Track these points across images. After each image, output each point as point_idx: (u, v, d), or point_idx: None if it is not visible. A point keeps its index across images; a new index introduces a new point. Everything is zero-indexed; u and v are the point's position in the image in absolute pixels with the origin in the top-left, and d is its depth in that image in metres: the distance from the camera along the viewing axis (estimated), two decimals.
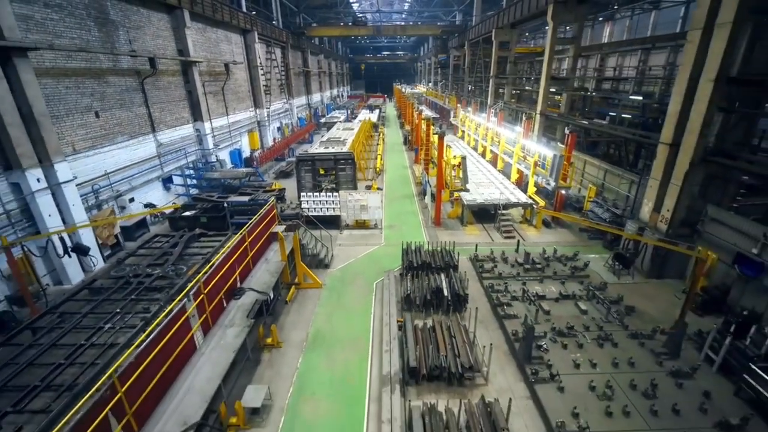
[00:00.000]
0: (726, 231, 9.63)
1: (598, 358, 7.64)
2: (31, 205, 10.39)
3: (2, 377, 6.40)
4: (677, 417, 6.40)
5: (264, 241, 11.27)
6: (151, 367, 5.93)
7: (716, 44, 9.02)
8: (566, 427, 6.15)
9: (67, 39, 11.88)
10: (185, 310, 6.96)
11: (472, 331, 8.15)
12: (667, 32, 27.45)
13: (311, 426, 6.70)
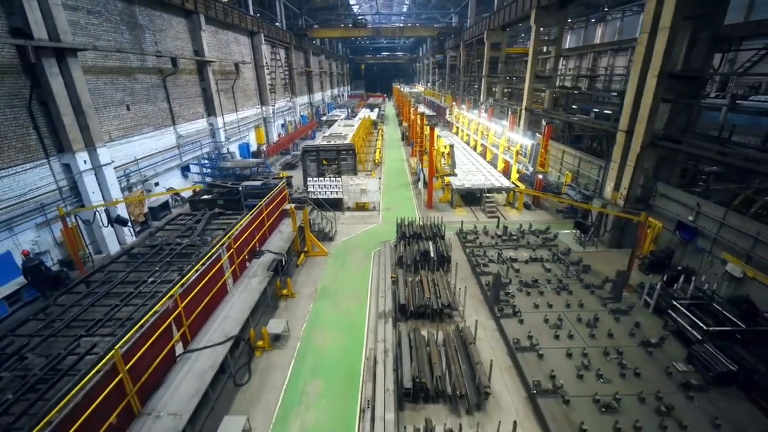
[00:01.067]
0: (671, 204, 11.37)
1: (554, 302, 9.39)
2: (78, 183, 12.13)
3: (71, 315, 8.06)
4: (611, 339, 8.14)
5: (277, 217, 13.01)
6: (200, 294, 7.66)
7: (658, 46, 10.75)
8: (520, 344, 7.89)
9: (104, 41, 13.64)
10: (221, 258, 8.70)
11: (453, 284, 9.89)
12: None
13: (321, 349, 8.44)
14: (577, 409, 6.47)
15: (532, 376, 7.05)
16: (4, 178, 10.13)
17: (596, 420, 6.26)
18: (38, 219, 11.07)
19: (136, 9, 15.41)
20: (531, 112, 20.98)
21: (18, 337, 7.67)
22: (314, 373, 7.69)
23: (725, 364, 7.00)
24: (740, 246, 9.13)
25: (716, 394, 6.80)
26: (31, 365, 6.78)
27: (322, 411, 6.85)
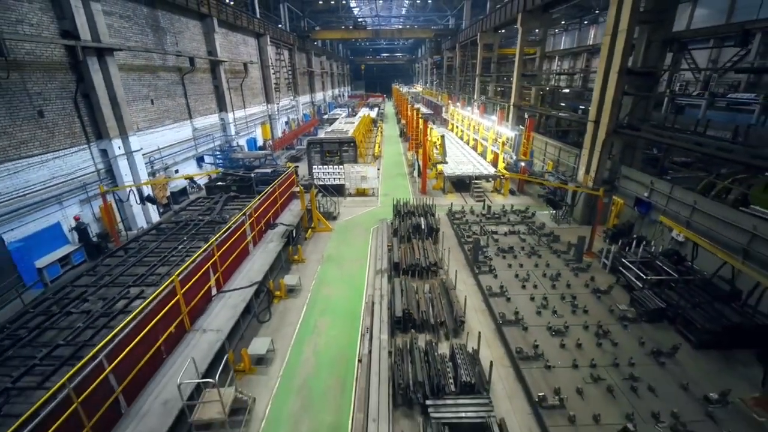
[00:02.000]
0: (632, 183, 13.07)
1: (525, 263, 11.07)
2: (113, 166, 13.84)
3: (117, 271, 9.69)
4: (568, 288, 9.81)
5: (287, 197, 14.72)
6: (229, 249, 9.34)
7: (618, 46, 12.44)
8: (491, 290, 9.58)
9: (133, 42, 15.36)
10: (243, 223, 10.39)
11: (440, 249, 11.56)
12: None
13: (328, 297, 10.12)
14: (532, 333, 8.14)
15: (501, 315, 8.73)
16: (55, 160, 11.82)
17: (547, 340, 7.93)
18: (81, 196, 12.76)
19: (159, 13, 17.13)
20: (519, 108, 22.68)
21: (77, 287, 9.38)
22: (323, 314, 9.38)
23: (657, 303, 8.67)
24: (682, 215, 10.83)
25: (648, 326, 8.46)
26: (92, 306, 8.45)
27: (330, 338, 8.53)
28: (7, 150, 10.36)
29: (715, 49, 26.92)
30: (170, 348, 6.95)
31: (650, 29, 12.56)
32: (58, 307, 8.45)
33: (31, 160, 11.04)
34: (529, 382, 6.92)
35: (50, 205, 11.59)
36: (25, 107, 10.87)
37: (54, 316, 8.21)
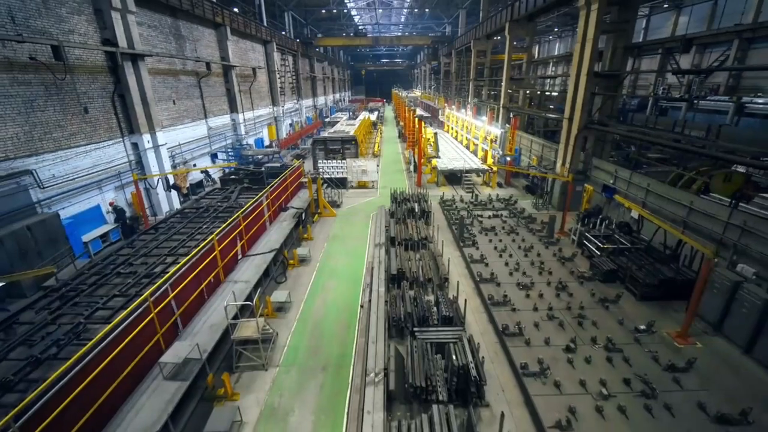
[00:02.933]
0: (600, 173, 14.84)
1: (504, 239, 12.80)
2: (142, 158, 15.62)
3: (153, 245, 11.36)
4: (538, 257, 11.52)
5: (295, 187, 16.47)
6: (253, 221, 11.08)
7: (586, 52, 14.27)
8: (472, 257, 11.31)
9: (159, 48, 17.21)
10: (262, 203, 12.14)
11: (431, 228, 13.29)
12: None
13: (335, 266, 11.85)
14: (504, 287, 9.86)
15: (478, 274, 10.45)
16: (96, 150, 13.60)
17: (515, 293, 9.64)
18: (116, 183, 14.53)
19: (180, 23, 19.03)
20: (507, 109, 24.52)
21: (121, 256, 11.10)
22: (330, 277, 11.10)
23: (610, 266, 10.39)
24: (639, 197, 12.58)
25: (601, 284, 10.16)
26: (137, 269, 10.15)
27: (337, 294, 10.25)
28: (60, 140, 12.14)
29: (698, 54, 29.00)
30: (210, 292, 8.67)
31: (614, 38, 14.41)
32: (109, 271, 10.18)
33: (78, 149, 12.82)
34: (497, 320, 8.64)
35: (92, 190, 13.36)
36: (74, 104, 12.67)
37: (106, 276, 9.95)
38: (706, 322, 8.67)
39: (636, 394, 6.52)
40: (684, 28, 31.59)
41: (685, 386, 6.71)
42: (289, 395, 7.03)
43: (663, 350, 7.58)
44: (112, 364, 5.58)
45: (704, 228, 10.05)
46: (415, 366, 6.55)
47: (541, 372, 7.00)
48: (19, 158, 10.83)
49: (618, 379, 6.83)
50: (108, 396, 5.46)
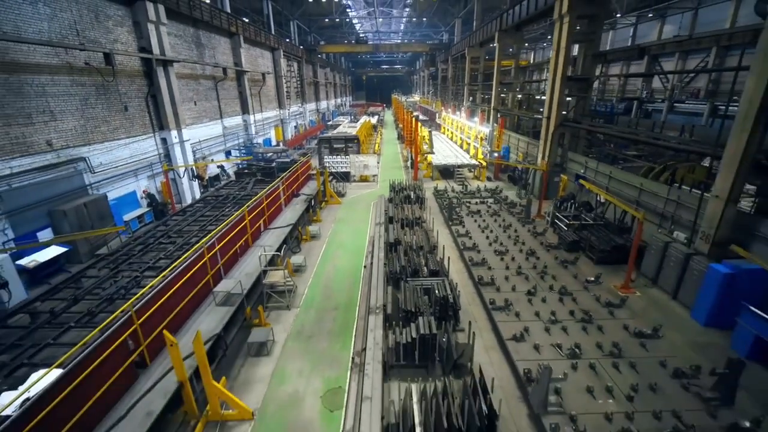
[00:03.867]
0: (574, 164, 16.85)
1: (487, 220, 14.78)
2: (170, 151, 17.64)
3: (183, 225, 13.33)
4: (515, 233, 13.49)
5: (305, 178, 18.48)
6: (271, 203, 13.06)
7: (560, 59, 16.33)
8: (459, 233, 13.29)
9: (184, 55, 19.32)
10: (279, 188, 14.14)
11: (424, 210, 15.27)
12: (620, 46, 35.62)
13: (341, 241, 13.81)
14: (483, 255, 11.80)
15: (462, 244, 12.42)
16: (133, 143, 15.63)
17: (492, 257, 11.60)
18: (148, 173, 16.54)
19: (201, 32, 21.18)
20: (497, 111, 26.62)
21: (159, 232, 13.07)
22: (338, 249, 13.07)
23: (573, 237, 12.36)
24: (603, 183, 14.58)
25: (565, 252, 12.12)
26: (175, 240, 12.11)
27: (344, 260, 12.21)
28: (106, 133, 14.18)
29: (681, 60, 31.20)
30: (242, 252, 10.64)
31: (585, 47, 16.51)
32: (152, 240, 12.17)
33: (120, 142, 14.85)
34: (475, 274, 10.61)
35: (130, 177, 15.37)
36: (117, 103, 14.73)
37: (150, 245, 11.93)
38: (646, 278, 10.65)
39: (577, 320, 8.47)
40: (669, 35, 33.83)
41: (616, 316, 8.66)
42: (309, 325, 8.97)
43: (605, 295, 9.53)
44: (177, 292, 7.49)
45: (650, 204, 12.04)
46: (407, 299, 8.49)
47: (506, 307, 8.97)
48: (77, 147, 12.85)
49: (566, 312, 8.78)
50: (176, 314, 7.38)
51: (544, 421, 5.96)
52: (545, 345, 7.65)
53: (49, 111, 11.85)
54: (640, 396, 6.38)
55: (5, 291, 9.39)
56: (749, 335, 7.51)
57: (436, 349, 7.04)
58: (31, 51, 11.21)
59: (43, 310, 8.52)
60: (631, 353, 7.38)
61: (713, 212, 8.93)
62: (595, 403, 6.28)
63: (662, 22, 36.66)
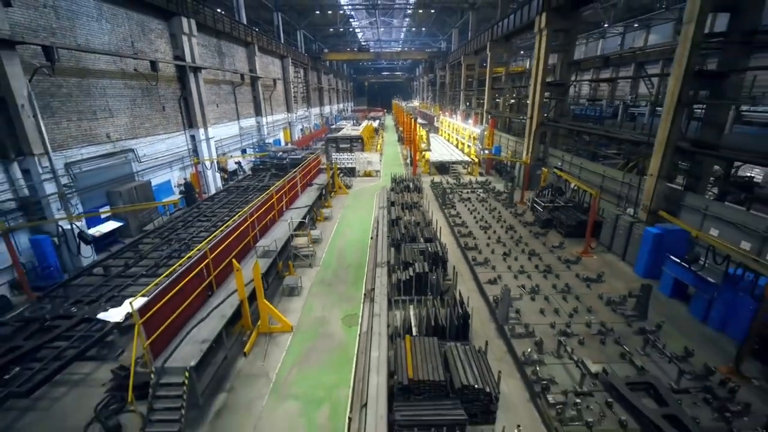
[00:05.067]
0: (554, 158, 19.20)
1: (476, 205, 17.08)
2: (198, 148, 20.01)
3: (215, 208, 15.68)
4: (498, 214, 15.79)
5: (316, 171, 20.82)
6: (290, 188, 15.38)
7: (540, 66, 18.74)
8: (451, 214, 15.58)
9: (209, 62, 21.77)
10: (296, 176, 16.46)
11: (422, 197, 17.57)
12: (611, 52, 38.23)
13: (350, 222, 16.10)
14: (470, 229, 14.08)
15: (453, 221, 14.70)
16: (169, 139, 17.98)
17: (478, 232, 13.88)
18: (179, 165, 18.87)
19: (222, 43, 23.67)
20: (490, 114, 29.07)
21: (194, 213, 15.38)
22: (347, 227, 15.36)
23: (547, 216, 14.65)
24: (576, 173, 16.90)
25: (539, 229, 14.39)
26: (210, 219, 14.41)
27: (353, 235, 14.48)
28: (149, 129, 16.53)
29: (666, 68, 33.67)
30: (271, 224, 12.93)
31: (562, 56, 18.94)
32: (190, 219, 14.49)
33: (159, 137, 17.20)
34: (461, 242, 12.89)
35: (165, 168, 17.70)
36: (157, 104, 17.11)
37: (190, 221, 14.24)
38: (603, 246, 12.92)
39: (540, 271, 10.73)
40: (655, 43, 36.43)
41: (572, 269, 10.93)
42: (328, 277, 11.23)
43: (566, 256, 11.80)
44: (230, 244, 9.74)
45: (610, 188, 14.35)
46: (406, 255, 10.76)
47: (485, 263, 11.24)
48: (127, 140, 15.20)
49: (532, 266, 11.05)
50: (226, 265, 9.63)
51: (506, 328, 8.21)
52: (513, 286, 9.90)
53: (108, 109, 14.22)
54: (579, 314, 8.63)
55: (91, 247, 11.69)
56: (670, 279, 9.78)
57: (428, 285, 9.30)
58: (96, 59, 13.60)
59: (115, 265, 10.84)
60: (577, 291, 9.64)
61: (649, 188, 11.25)
62: (544, 318, 8.54)
63: (647, 31, 39.44)
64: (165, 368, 6.36)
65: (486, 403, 5.95)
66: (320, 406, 6.65)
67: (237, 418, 6.43)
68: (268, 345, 8.24)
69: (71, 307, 8.71)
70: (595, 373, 6.77)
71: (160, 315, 6.69)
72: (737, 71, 9.91)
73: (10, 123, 10.34)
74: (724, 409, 6.02)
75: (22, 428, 6.30)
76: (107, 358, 7.81)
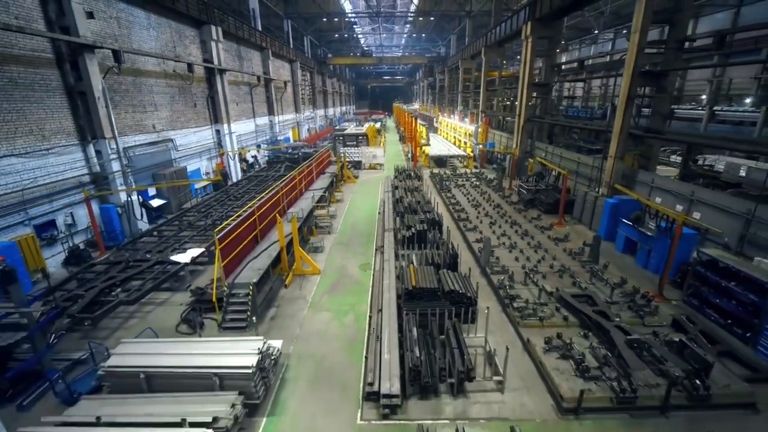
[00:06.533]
0: (539, 150, 21.62)
1: (470, 190, 19.46)
2: (222, 141, 22.43)
3: (241, 192, 18.11)
4: (488, 197, 18.17)
5: (327, 163, 23.22)
6: (307, 174, 17.77)
7: (527, 69, 21.20)
8: (447, 196, 17.96)
9: (230, 66, 24.26)
10: (312, 164, 18.86)
11: (421, 184, 19.95)
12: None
13: (360, 203, 18.49)
14: (463, 207, 16.44)
15: (448, 201, 17.07)
16: (198, 132, 20.40)
17: (469, 208, 16.25)
18: (206, 156, 21.27)
19: (241, 48, 26.17)
20: (485, 113, 31.53)
21: (223, 196, 17.79)
22: (357, 207, 17.74)
23: (529, 197, 17.01)
24: (557, 161, 19.30)
25: (522, 207, 16.75)
26: (238, 199, 16.81)
27: (362, 213, 16.86)
28: (184, 123, 18.96)
29: None
30: (296, 199, 15.31)
31: (546, 60, 21.41)
32: (224, 198, 16.90)
33: (191, 130, 19.63)
34: (455, 215, 15.25)
35: (196, 157, 20.11)
36: (190, 101, 19.55)
37: (221, 201, 16.64)
38: (576, 219, 15.28)
39: (519, 234, 13.09)
40: None
41: (545, 234, 13.28)
42: (345, 240, 13.59)
43: (543, 225, 14.17)
44: (266, 210, 12.08)
45: (584, 172, 16.74)
46: (408, 221, 13.11)
47: (474, 228, 13.61)
48: (168, 131, 17.61)
49: (512, 231, 13.40)
50: (268, 222, 11.97)
51: (488, 269, 10.56)
52: (495, 243, 12.27)
53: (154, 104, 16.64)
54: (545, 261, 10.98)
55: (146, 217, 14.08)
56: (623, 238, 12.13)
57: (426, 240, 11.66)
58: (145, 61, 16.04)
59: (166, 232, 13.20)
60: (547, 246, 11.99)
61: (609, 167, 13.64)
62: (517, 263, 10.89)
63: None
64: (235, 284, 8.70)
65: (468, 305, 8.28)
66: (346, 315, 8.97)
67: (286, 321, 8.75)
68: (303, 281, 10.58)
69: (146, 254, 11.08)
70: (550, 291, 9.12)
71: (227, 248, 9.05)
72: (674, 70, 12.32)
73: (88, 112, 12.74)
74: (640, 311, 8.37)
75: (130, 327, 8.62)
76: (179, 289, 10.15)
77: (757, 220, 9.09)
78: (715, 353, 7.19)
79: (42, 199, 11.25)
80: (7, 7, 10.26)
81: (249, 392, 5.82)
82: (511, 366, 6.82)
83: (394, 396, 6.01)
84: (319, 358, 7.49)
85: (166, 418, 5.09)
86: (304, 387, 6.73)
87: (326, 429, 5.89)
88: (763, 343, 7.40)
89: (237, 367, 5.72)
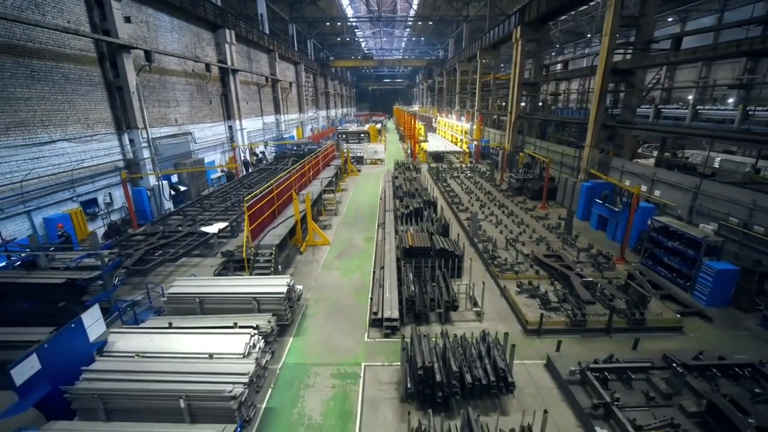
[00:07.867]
0: (529, 145, 23.29)
1: (465, 181, 21.10)
2: (234, 136, 24.11)
3: (253, 182, 19.78)
4: (482, 186, 19.80)
5: (331, 158, 24.88)
6: (315, 164, 19.42)
7: (517, 69, 22.90)
8: (443, 185, 19.60)
9: (241, 66, 25.98)
10: (318, 156, 20.51)
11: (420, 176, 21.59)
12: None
13: (362, 191, 20.13)
14: (457, 194, 18.08)
15: (444, 189, 18.70)
16: (213, 127, 22.07)
17: (462, 195, 17.87)
18: (220, 150, 22.94)
19: (250, 50, 27.92)
20: (480, 112, 33.25)
21: (236, 186, 19.44)
22: (360, 195, 19.38)
23: (518, 185, 18.65)
24: (544, 153, 20.96)
25: (511, 195, 18.37)
26: (250, 188, 18.45)
27: (366, 198, 18.50)
28: (201, 118, 20.65)
29: None
30: (305, 185, 16.94)
31: (534, 61, 23.12)
32: (238, 186, 18.53)
33: (207, 125, 21.30)
34: (450, 200, 16.88)
35: (211, 150, 21.77)
36: (206, 99, 21.24)
37: (235, 188, 18.28)
38: (558, 204, 16.91)
39: (505, 214, 14.71)
40: None
41: (528, 213, 14.90)
42: (350, 220, 15.22)
43: (527, 207, 15.80)
44: (282, 191, 13.69)
45: (567, 162, 18.39)
46: (407, 203, 14.74)
47: (465, 209, 15.24)
48: (188, 125, 19.28)
49: (500, 212, 15.03)
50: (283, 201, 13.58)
51: (475, 239, 12.17)
52: (483, 222, 13.89)
53: (176, 100, 18.33)
54: (525, 234, 12.60)
55: (171, 199, 15.74)
56: (596, 216, 13.76)
57: (422, 216, 13.28)
58: (169, 60, 17.74)
59: (190, 212, 14.83)
60: (528, 223, 13.62)
61: (586, 155, 15.29)
62: (501, 235, 12.51)
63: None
64: (260, 245, 10.32)
65: (456, 261, 9.89)
66: (353, 273, 10.59)
67: (303, 278, 10.37)
68: (315, 250, 12.21)
69: (177, 227, 12.70)
70: (526, 254, 10.75)
71: (253, 217, 10.69)
72: (642, 68, 14.00)
73: (123, 105, 14.40)
74: (600, 266, 9.98)
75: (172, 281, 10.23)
76: (209, 255, 11.76)
77: (702, 193, 10.72)
78: (659, 297, 8.81)
79: (86, 179, 12.89)
80: (62, 12, 11.95)
81: (280, 314, 7.42)
82: (489, 305, 8.43)
83: (394, 319, 7.61)
84: (333, 300, 9.10)
85: (221, 326, 6.69)
86: (321, 318, 8.34)
87: (341, 344, 7.49)
88: (698, 288, 9.03)
89: (271, 293, 7.33)
